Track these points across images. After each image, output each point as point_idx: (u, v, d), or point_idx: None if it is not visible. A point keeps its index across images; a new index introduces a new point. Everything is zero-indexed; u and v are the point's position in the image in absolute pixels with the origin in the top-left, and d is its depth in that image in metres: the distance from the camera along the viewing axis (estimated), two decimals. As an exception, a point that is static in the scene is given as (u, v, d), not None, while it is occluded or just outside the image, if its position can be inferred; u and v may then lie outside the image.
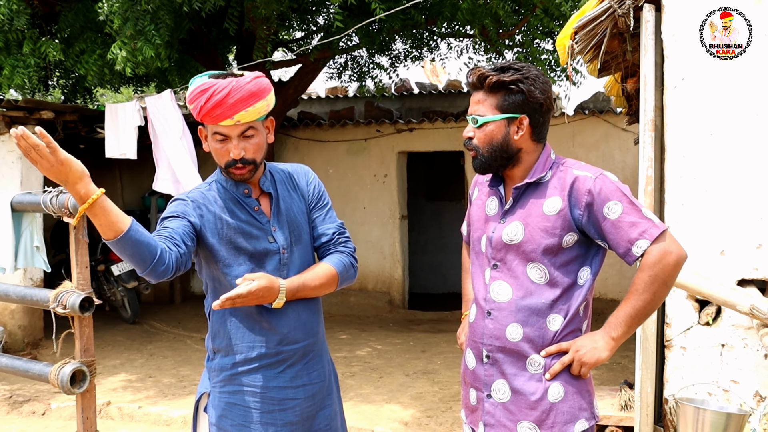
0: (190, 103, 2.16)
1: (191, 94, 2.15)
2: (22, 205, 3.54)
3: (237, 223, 2.22)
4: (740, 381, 3.73)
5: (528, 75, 2.05)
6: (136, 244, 1.94)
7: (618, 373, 5.58)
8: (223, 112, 2.12)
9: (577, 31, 3.97)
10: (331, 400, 2.39)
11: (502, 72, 2.06)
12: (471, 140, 2.13)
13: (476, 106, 2.11)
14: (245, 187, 2.27)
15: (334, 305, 9.42)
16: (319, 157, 9.84)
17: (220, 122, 2.14)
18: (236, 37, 8.27)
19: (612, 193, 2.03)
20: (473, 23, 7.29)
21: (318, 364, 2.34)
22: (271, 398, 2.23)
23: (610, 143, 8.70)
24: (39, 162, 1.84)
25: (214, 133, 2.18)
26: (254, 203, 2.27)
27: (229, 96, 2.11)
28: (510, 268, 2.11)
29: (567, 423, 2.07)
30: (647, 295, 2.01)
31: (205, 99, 2.12)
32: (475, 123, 2.11)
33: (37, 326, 7.64)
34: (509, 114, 2.07)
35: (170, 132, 6.50)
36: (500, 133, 2.08)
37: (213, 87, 2.12)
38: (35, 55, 6.29)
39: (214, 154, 2.22)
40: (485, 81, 2.07)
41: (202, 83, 2.15)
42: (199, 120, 2.19)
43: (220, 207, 2.23)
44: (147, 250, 1.96)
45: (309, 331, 2.30)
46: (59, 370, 3.23)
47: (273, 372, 2.24)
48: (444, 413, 5.20)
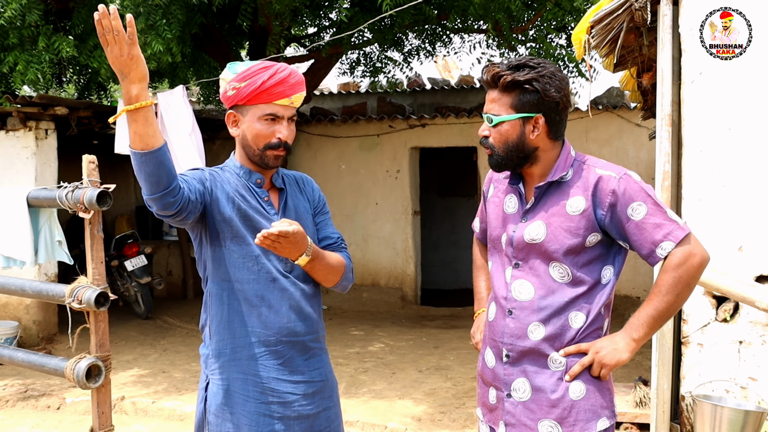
0: (244, 80, 2.13)
1: (246, 72, 2.13)
2: (38, 201, 3.56)
3: (247, 207, 2.21)
4: (758, 378, 3.70)
5: (543, 73, 2.00)
6: (159, 165, 1.92)
7: (632, 370, 5.54)
8: (284, 90, 2.15)
9: (594, 26, 3.94)
10: (333, 402, 2.36)
11: (516, 70, 2.02)
12: (486, 139, 2.11)
13: (491, 104, 2.08)
14: (258, 177, 2.25)
15: (346, 301, 9.43)
16: (331, 153, 9.83)
17: (278, 101, 2.15)
18: (249, 32, 8.27)
19: (636, 194, 2.00)
20: (486, 18, 7.25)
21: (318, 363, 2.32)
22: (271, 389, 2.20)
23: (624, 139, 8.64)
24: (111, 47, 1.81)
25: (266, 113, 2.16)
26: (264, 194, 2.26)
27: (290, 76, 2.15)
28: (532, 267, 2.09)
29: (589, 421, 2.05)
30: (670, 296, 1.99)
31: (268, 75, 2.13)
32: (490, 122, 2.08)
33: (52, 321, 7.68)
34: (524, 113, 2.03)
35: (180, 128, 6.51)
36: (515, 133, 2.05)
37: (275, 66, 2.15)
38: (49, 51, 6.31)
39: (254, 135, 2.18)
40: (500, 80, 2.03)
41: (257, 63, 2.16)
42: (248, 99, 2.15)
43: (232, 189, 2.22)
44: (166, 175, 1.94)
45: (310, 327, 2.27)
46: (75, 364, 3.25)
47: (272, 363, 2.21)
48: (457, 409, 5.19)
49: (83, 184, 3.25)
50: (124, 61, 1.84)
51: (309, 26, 9.70)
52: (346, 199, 9.74)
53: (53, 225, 3.69)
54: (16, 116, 7.24)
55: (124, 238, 8.84)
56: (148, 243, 9.67)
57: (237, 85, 2.15)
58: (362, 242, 9.77)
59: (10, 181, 7.33)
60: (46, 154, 7.47)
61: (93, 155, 3.31)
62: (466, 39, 9.77)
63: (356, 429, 4.87)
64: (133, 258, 8.61)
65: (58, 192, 3.30)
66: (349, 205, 9.76)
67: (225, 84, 2.19)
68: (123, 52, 1.82)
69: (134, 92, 1.87)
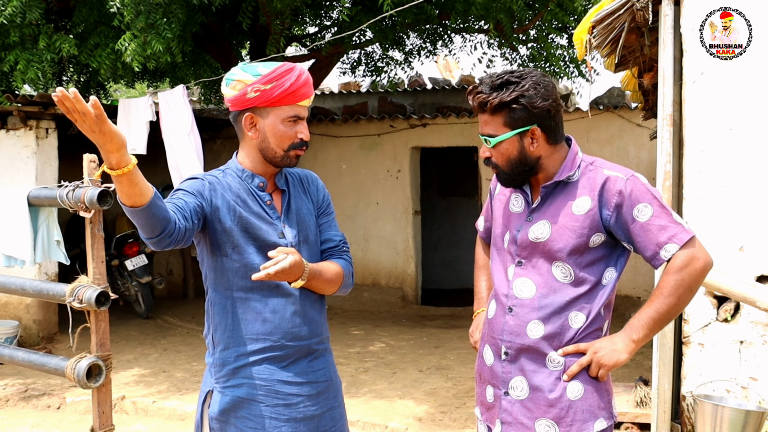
0: (269, 82, 2.13)
1: (272, 74, 2.13)
2: (38, 200, 3.55)
3: (248, 214, 2.20)
4: (759, 378, 3.69)
5: (527, 86, 2.00)
6: (151, 217, 1.93)
7: (633, 370, 5.54)
8: (307, 91, 2.19)
9: (595, 26, 3.94)
10: (338, 402, 2.36)
11: (500, 90, 2.01)
12: (489, 159, 2.12)
13: (485, 127, 2.08)
14: (261, 180, 2.25)
15: (347, 301, 9.42)
16: (332, 153, 9.83)
17: (301, 102, 2.19)
18: (250, 31, 8.27)
19: (643, 196, 2.01)
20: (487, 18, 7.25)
21: (323, 363, 2.32)
22: (276, 392, 2.21)
23: (625, 139, 8.64)
24: (81, 124, 1.79)
25: (290, 115, 2.18)
26: (267, 197, 2.25)
27: (309, 78, 2.20)
28: (535, 266, 2.09)
29: (586, 421, 2.05)
30: (672, 299, 1.99)
31: (295, 76, 2.15)
32: (488, 144, 2.09)
33: (52, 321, 7.67)
34: (519, 129, 2.04)
35: (179, 128, 6.50)
36: (515, 149, 2.06)
37: (298, 68, 2.18)
38: (50, 50, 6.30)
39: (278, 137, 2.19)
40: (486, 105, 2.04)
41: (281, 64, 2.17)
42: (273, 101, 2.15)
43: (233, 195, 2.21)
44: (159, 223, 1.95)
45: (314, 330, 2.28)
46: (75, 364, 3.24)
47: (277, 366, 2.21)
48: (458, 409, 5.19)
49: (84, 184, 3.25)
50: (96, 137, 1.80)
51: (310, 25, 9.70)
52: (346, 199, 9.74)
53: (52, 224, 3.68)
54: (17, 115, 7.24)
55: (125, 238, 8.83)
56: (148, 242, 9.65)
57: (262, 87, 2.13)
58: (363, 242, 9.77)
59: (11, 180, 7.33)
60: (46, 153, 7.46)
61: (94, 154, 3.30)
62: (467, 39, 9.77)
63: (357, 429, 4.87)
64: (134, 257, 8.60)
65: (59, 191, 3.30)
66: (349, 205, 9.76)
67: (243, 86, 2.15)
68: (94, 128, 1.78)
69: (114, 161, 1.83)
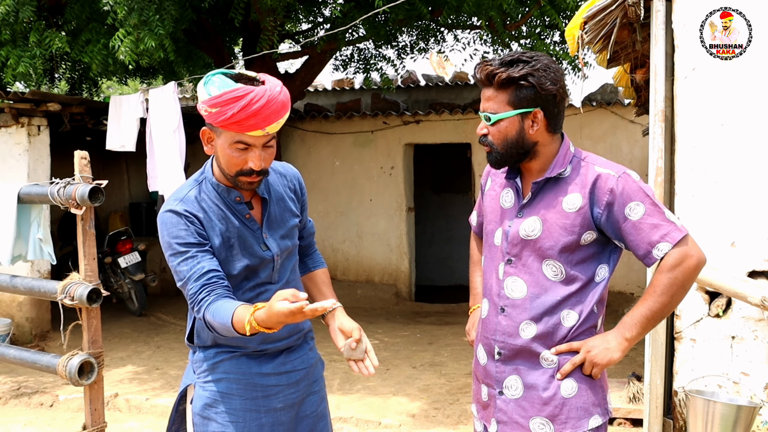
0: (214, 106, 1.97)
1: (218, 99, 1.96)
2: (29, 197, 3.53)
3: (230, 230, 2.15)
4: (750, 373, 3.71)
5: (538, 66, 1.97)
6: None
7: (626, 366, 5.55)
8: (258, 122, 1.97)
9: (587, 21, 3.94)
10: (318, 386, 2.39)
11: (510, 66, 1.98)
12: (486, 137, 2.08)
13: (487, 102, 2.04)
14: (237, 195, 2.15)
15: (340, 297, 9.26)
16: (325, 149, 9.82)
17: (250, 132, 1.99)
18: (242, 28, 8.25)
19: (635, 194, 1.98)
20: (479, 15, 7.24)
21: (301, 351, 2.33)
22: (254, 384, 2.21)
23: (618, 135, 8.65)
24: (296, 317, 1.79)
25: (236, 141, 2.01)
26: (245, 210, 2.17)
27: (266, 107, 1.96)
28: (525, 264, 2.07)
29: (580, 419, 2.05)
30: (665, 297, 1.98)
31: (240, 107, 1.94)
32: (488, 120, 2.05)
33: (45, 318, 7.65)
34: (522, 109, 2.00)
35: (165, 124, 6.48)
36: (515, 129, 2.02)
37: (250, 95, 1.94)
38: (41, 46, 6.27)
39: (226, 161, 2.06)
40: (494, 78, 2.00)
41: (233, 89, 1.96)
42: (219, 125, 2.01)
43: (216, 213, 2.14)
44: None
45: (293, 329, 2.29)
46: (67, 361, 3.23)
47: (255, 360, 2.23)
48: (451, 405, 5.19)
49: (75, 180, 3.24)
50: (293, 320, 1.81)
51: (303, 22, 9.67)
52: (340, 196, 9.73)
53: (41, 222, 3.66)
54: (9, 112, 7.21)
55: (118, 235, 8.81)
56: (141, 240, 9.64)
57: (209, 109, 2.00)
58: (356, 239, 9.76)
59: (3, 177, 7.30)
60: (38, 150, 7.43)
61: (85, 151, 3.29)
62: (459, 36, 9.76)
63: (350, 425, 4.87)
64: (127, 255, 8.58)
65: (50, 188, 3.28)
66: (343, 202, 9.75)
67: (199, 101, 2.06)
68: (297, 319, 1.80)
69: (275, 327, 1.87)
